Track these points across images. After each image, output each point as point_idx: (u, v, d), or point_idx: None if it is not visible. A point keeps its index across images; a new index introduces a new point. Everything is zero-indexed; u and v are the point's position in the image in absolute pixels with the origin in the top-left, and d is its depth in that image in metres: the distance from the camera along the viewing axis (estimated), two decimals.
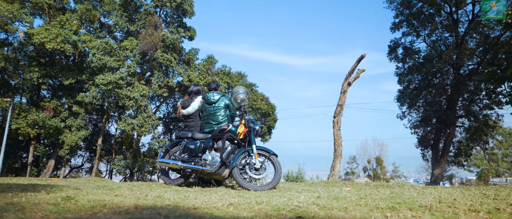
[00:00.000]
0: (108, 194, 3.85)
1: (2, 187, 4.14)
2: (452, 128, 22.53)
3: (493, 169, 47.33)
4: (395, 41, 26.71)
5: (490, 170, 46.73)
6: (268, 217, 2.29)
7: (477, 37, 22.52)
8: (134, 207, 2.27)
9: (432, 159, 24.25)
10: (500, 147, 49.09)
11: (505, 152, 48.99)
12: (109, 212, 2.12)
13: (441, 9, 24.22)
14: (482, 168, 47.43)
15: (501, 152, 48.95)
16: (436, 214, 2.40)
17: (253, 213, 2.49)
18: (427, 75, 24.65)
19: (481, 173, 47.55)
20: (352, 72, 18.13)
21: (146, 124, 22.01)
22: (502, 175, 46.70)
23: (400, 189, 5.19)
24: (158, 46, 22.57)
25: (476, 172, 49.18)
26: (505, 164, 48.33)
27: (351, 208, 2.70)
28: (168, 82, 23.02)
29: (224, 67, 28.81)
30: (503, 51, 16.63)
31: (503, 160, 48.51)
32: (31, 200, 2.58)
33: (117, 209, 2.19)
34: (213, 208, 2.69)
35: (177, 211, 2.22)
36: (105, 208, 2.23)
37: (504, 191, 4.73)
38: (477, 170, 48.59)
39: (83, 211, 2.14)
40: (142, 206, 2.36)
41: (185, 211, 2.31)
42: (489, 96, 24.07)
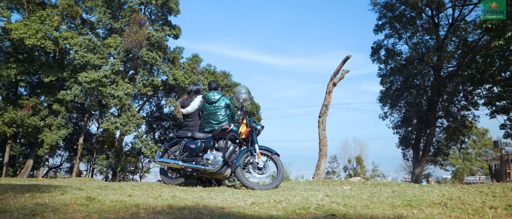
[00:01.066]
0: (119, 194, 3.81)
1: (5, 187, 4.02)
2: (433, 128, 23.25)
3: (467, 168, 49.09)
4: (378, 43, 27.32)
5: (464, 169, 48.47)
6: (302, 216, 2.34)
7: (456, 41, 23.32)
8: (170, 207, 2.27)
9: (413, 158, 24.95)
10: (474, 146, 50.96)
11: (479, 151, 50.90)
12: (149, 212, 2.11)
13: (422, 12, 24.94)
14: (457, 167, 49.15)
15: (474, 152, 50.83)
16: (457, 210, 2.51)
17: (283, 212, 2.53)
18: (408, 76, 25.33)
19: (456, 172, 49.26)
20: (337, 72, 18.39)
21: (130, 123, 21.64)
22: (475, 174, 48.51)
23: (398, 187, 5.34)
24: (143, 44, 22.22)
25: (451, 171, 50.92)
26: (478, 163, 50.22)
27: (372, 206, 2.78)
28: (153, 80, 22.70)
29: (209, 66, 28.69)
30: (482, 54, 17.35)
31: (476, 159, 50.39)
32: (56, 201, 2.53)
33: (155, 209, 2.19)
34: (238, 207, 2.72)
35: (215, 211, 2.24)
36: (140, 208, 2.22)
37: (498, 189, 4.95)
38: (452, 169, 50.31)
39: (122, 211, 2.12)
40: (176, 206, 2.35)
41: (219, 210, 2.33)
42: (466, 97, 25.03)
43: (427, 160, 24.77)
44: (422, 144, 24.35)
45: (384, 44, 27.09)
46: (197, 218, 1.96)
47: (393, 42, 26.85)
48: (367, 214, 2.30)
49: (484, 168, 49.59)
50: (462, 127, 24.47)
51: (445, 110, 25.02)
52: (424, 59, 22.28)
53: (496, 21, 13.90)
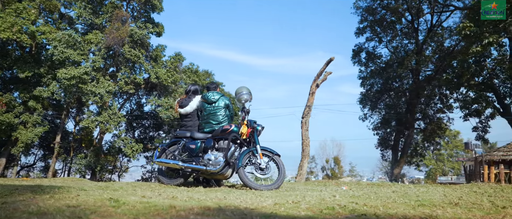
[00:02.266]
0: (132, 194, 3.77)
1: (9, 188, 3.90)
2: (411, 130, 24.03)
3: (439, 168, 51.02)
4: (359, 46, 27.92)
5: (437, 170, 50.34)
6: (333, 216, 2.41)
7: (434, 46, 24.20)
8: (208, 209, 2.29)
9: (392, 159, 25.69)
10: (446, 148, 52.96)
11: (450, 152, 52.96)
12: (191, 213, 2.13)
13: (402, 17, 25.72)
14: (430, 167, 50.99)
15: (447, 153, 52.84)
16: (474, 210, 2.66)
17: (311, 212, 2.60)
18: (388, 79, 26.06)
19: (429, 172, 51.13)
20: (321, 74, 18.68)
21: (111, 121, 21.15)
22: (447, 174, 50.50)
23: (396, 187, 5.53)
24: (125, 41, 21.77)
25: (424, 171, 52.76)
26: (449, 164, 52.29)
27: (392, 206, 2.89)
28: (135, 78, 22.29)
29: (191, 65, 28.44)
30: (459, 59, 18.11)
31: (448, 160, 52.44)
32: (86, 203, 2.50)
33: (193, 211, 2.20)
34: (265, 208, 2.76)
35: (254, 212, 2.28)
36: (179, 210, 2.23)
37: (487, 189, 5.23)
38: (426, 169, 52.13)
39: (162, 213, 2.13)
40: (214, 207, 2.37)
41: (258, 212, 2.37)
42: (442, 100, 26.05)
43: (405, 161, 25.58)
44: (401, 145, 25.12)
45: (365, 47, 27.74)
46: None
47: (374, 45, 27.56)
48: (397, 214, 2.40)
49: (455, 169, 51.71)
50: (438, 129, 25.43)
51: (422, 113, 25.90)
52: (404, 63, 22.99)
53: (474, 29, 14.56)
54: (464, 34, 14.78)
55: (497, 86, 22.04)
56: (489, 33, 14.50)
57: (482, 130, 24.96)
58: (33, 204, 2.28)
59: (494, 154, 16.63)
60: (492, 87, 21.34)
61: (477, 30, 14.52)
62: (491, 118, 23.39)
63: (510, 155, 16.16)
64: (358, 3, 26.26)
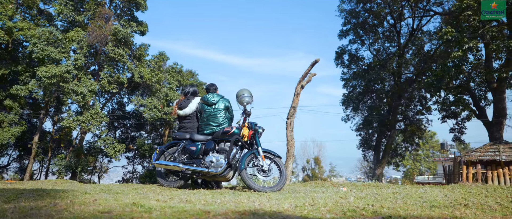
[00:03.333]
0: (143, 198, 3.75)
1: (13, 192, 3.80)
2: (393, 131, 24.66)
3: (417, 168, 52.56)
4: (342, 48, 28.39)
5: (414, 170, 51.84)
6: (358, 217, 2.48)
7: (414, 49, 24.94)
8: (241, 214, 2.32)
9: (374, 159, 26.27)
10: (423, 148, 54.58)
11: (427, 153, 54.63)
12: (223, 218, 2.15)
13: (384, 20, 26.34)
14: (407, 167, 52.43)
15: (423, 153, 54.46)
16: (486, 210, 2.80)
17: (335, 215, 2.66)
18: (370, 81, 26.63)
19: (406, 172, 52.58)
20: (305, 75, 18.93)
21: (93, 121, 20.66)
22: (423, 174, 52.07)
23: (394, 189, 5.70)
24: (109, 40, 21.31)
25: (402, 171, 54.19)
26: (426, 164, 53.95)
27: (406, 207, 3.00)
28: (119, 77, 21.83)
29: (175, 64, 28.13)
30: (439, 63, 18.71)
31: (425, 160, 54.10)
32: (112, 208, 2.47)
33: (228, 216, 2.22)
34: (287, 210, 2.81)
35: (290, 216, 2.32)
36: (212, 215, 2.24)
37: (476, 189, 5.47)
38: (403, 169, 53.55)
39: (194, 216, 2.14)
40: (242, 211, 2.40)
41: (293, 215, 2.42)
42: (421, 102, 26.87)
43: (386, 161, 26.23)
44: (382, 146, 25.73)
45: (348, 49, 28.23)
46: None
47: (357, 48, 28.08)
48: (421, 215, 2.50)
49: (431, 169, 53.41)
50: (417, 130, 26.21)
51: (403, 114, 26.62)
52: (386, 65, 23.57)
53: (455, 34, 15.11)
54: (446, 39, 15.32)
55: (473, 89, 22.93)
56: (468, 39, 15.10)
57: (458, 131, 25.84)
58: (66, 211, 2.25)
59: (472, 155, 17.27)
60: (469, 90, 22.17)
61: (458, 35, 15.08)
62: (468, 120, 24.27)
63: (486, 155, 16.83)
64: (342, 6, 26.73)
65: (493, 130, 20.94)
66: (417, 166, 53.22)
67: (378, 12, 24.60)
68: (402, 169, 53.69)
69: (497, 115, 20.59)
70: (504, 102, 20.35)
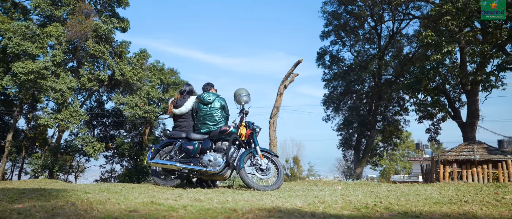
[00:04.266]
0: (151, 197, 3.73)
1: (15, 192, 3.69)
2: (373, 131, 25.27)
3: (392, 167, 54.03)
4: (324, 49, 28.81)
5: (390, 169, 53.27)
6: (377, 215, 2.58)
7: (394, 51, 25.67)
8: (269, 211, 2.36)
9: (354, 159, 26.84)
10: (398, 148, 56.17)
11: (402, 152, 56.24)
12: (259, 216, 2.19)
13: (365, 22, 26.95)
14: (384, 167, 53.81)
15: (399, 153, 56.05)
16: (490, 207, 2.97)
17: (350, 212, 2.75)
18: (350, 82, 27.18)
19: (383, 171, 53.97)
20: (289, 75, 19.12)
21: (73, 119, 20.06)
22: (399, 173, 53.62)
23: (388, 186, 5.88)
24: (89, 36, 20.76)
25: (379, 170, 55.56)
26: (401, 163, 55.57)
27: (413, 204, 3.13)
28: (99, 75, 21.30)
29: (157, 62, 27.71)
30: (418, 65, 19.36)
31: (400, 159, 55.69)
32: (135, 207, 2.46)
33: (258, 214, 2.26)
34: (304, 208, 2.88)
35: (319, 214, 2.39)
36: (239, 213, 2.28)
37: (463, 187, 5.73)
38: (380, 168, 54.93)
39: (232, 217, 2.17)
40: (269, 209, 2.45)
41: (317, 212, 2.48)
42: (399, 103, 27.68)
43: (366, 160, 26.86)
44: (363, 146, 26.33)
45: (329, 50, 28.68)
46: None
47: (338, 49, 28.58)
48: (434, 212, 2.62)
49: (406, 168, 55.08)
50: (395, 130, 27.00)
51: (382, 115, 27.34)
52: (367, 67, 24.12)
53: (435, 38, 15.68)
54: (426, 42, 15.87)
55: (448, 91, 23.84)
56: (447, 43, 15.71)
57: (434, 131, 26.76)
58: (94, 210, 2.22)
59: (448, 154, 17.95)
60: (444, 92, 23.03)
61: (438, 39, 15.66)
62: (443, 120, 25.20)
63: (461, 155, 17.55)
64: (325, 8, 27.14)
65: (466, 131, 21.82)
66: (393, 165, 54.72)
67: (359, 14, 25.13)
68: (379, 168, 55.08)
69: (471, 116, 21.47)
70: (477, 104, 21.24)
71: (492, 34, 17.35)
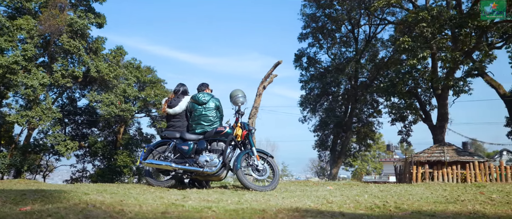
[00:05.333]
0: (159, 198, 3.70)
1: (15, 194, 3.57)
2: (349, 133, 25.91)
3: (364, 168, 55.58)
4: (301, 50, 29.25)
5: (362, 169, 54.77)
6: (391, 214, 2.71)
7: (369, 54, 26.48)
8: (296, 210, 2.43)
9: (330, 159, 27.40)
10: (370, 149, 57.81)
11: (374, 153, 57.96)
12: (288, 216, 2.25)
13: (341, 26, 27.62)
14: (356, 167, 55.25)
15: (370, 154, 57.73)
16: (491, 206, 3.18)
17: (364, 211, 2.87)
18: (326, 84, 27.75)
19: (355, 172, 55.43)
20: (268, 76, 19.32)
21: (45, 116, 19.26)
22: (370, 173, 55.26)
23: (379, 187, 6.10)
24: (64, 31, 20.00)
25: (350, 171, 57.03)
26: (372, 164, 57.29)
27: (417, 204, 3.30)
28: (74, 71, 20.57)
29: (133, 60, 27.09)
30: (393, 69, 20.07)
31: (371, 160, 57.38)
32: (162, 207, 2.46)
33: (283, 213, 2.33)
34: (318, 207, 2.97)
35: (349, 213, 2.47)
36: (268, 214, 2.33)
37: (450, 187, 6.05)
38: (352, 169, 56.37)
39: (264, 216, 2.22)
40: (296, 208, 2.51)
41: (336, 211, 2.57)
42: (373, 106, 28.54)
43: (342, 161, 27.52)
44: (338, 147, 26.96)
45: (307, 52, 29.14)
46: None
47: (315, 51, 29.09)
48: (445, 210, 2.78)
49: (377, 169, 56.84)
50: (370, 132, 27.83)
51: (357, 117, 28.09)
52: (344, 69, 24.72)
53: (411, 43, 16.34)
54: (403, 47, 16.51)
55: (419, 95, 24.85)
56: (422, 48, 16.42)
57: (405, 133, 27.77)
58: (127, 212, 2.21)
59: (420, 156, 18.70)
60: (416, 95, 24.00)
61: (414, 45, 16.33)
62: (414, 123, 26.22)
63: (433, 156, 18.35)
64: (304, 10, 27.59)
65: (436, 133, 22.81)
66: (364, 166, 56.27)
67: (336, 18, 25.72)
68: (351, 169, 56.52)
69: (441, 119, 22.45)
70: (447, 107, 22.27)
71: (462, 42, 18.28)
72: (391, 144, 49.05)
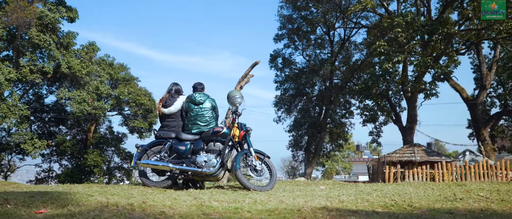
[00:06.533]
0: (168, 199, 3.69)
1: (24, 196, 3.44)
2: (323, 133, 26.47)
3: (334, 168, 56.90)
4: (277, 51, 29.54)
5: (332, 169, 56.05)
6: (407, 212, 2.86)
7: (342, 57, 27.21)
8: (330, 210, 2.51)
9: (304, 159, 27.87)
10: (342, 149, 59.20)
11: (343, 153, 59.49)
12: (325, 215, 2.33)
13: (316, 28, 28.17)
14: (326, 167, 56.45)
15: (340, 154, 59.18)
16: (482, 202, 3.41)
17: (381, 209, 3.01)
18: (301, 85, 28.21)
19: (325, 171, 56.66)
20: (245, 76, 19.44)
21: (11, 113, 18.25)
22: (339, 173, 56.73)
23: (372, 186, 6.32)
24: (33, 24, 19.04)
25: (320, 170, 58.24)
26: (342, 164, 58.80)
27: (431, 202, 3.49)
28: (43, 66, 19.61)
29: (107, 56, 26.21)
30: (368, 72, 20.74)
31: (341, 160, 58.87)
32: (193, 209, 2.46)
33: (316, 213, 2.40)
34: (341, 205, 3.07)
35: (379, 212, 2.58)
36: (302, 214, 2.40)
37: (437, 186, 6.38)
38: (322, 168, 57.55)
39: (306, 216, 2.28)
40: (331, 208, 2.59)
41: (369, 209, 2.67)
42: (345, 107, 29.32)
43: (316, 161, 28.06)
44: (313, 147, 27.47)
45: (282, 53, 29.47)
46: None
47: (290, 52, 29.48)
48: (457, 208, 2.97)
49: (346, 168, 58.45)
50: (342, 132, 28.58)
51: (331, 117, 28.75)
52: (320, 71, 25.23)
53: (387, 48, 16.99)
54: (379, 51, 17.12)
55: (390, 97, 25.84)
56: (396, 53, 17.13)
57: (376, 134, 28.74)
58: (172, 215, 2.20)
59: (392, 156, 19.43)
60: (387, 97, 24.94)
61: (390, 49, 16.99)
62: (384, 124, 27.21)
63: (404, 157, 19.13)
64: (281, 12, 27.90)
65: (406, 134, 23.79)
66: (334, 165, 57.61)
67: (312, 20, 26.21)
68: (321, 169, 57.69)
69: (410, 121, 23.44)
70: (416, 109, 23.29)
71: (433, 47, 19.21)
72: (360, 145, 50.63)
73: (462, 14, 18.99)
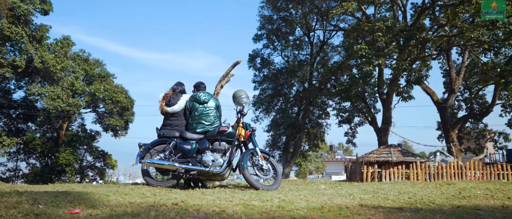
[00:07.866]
0: (201, 198, 3.68)
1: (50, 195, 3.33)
2: (302, 133, 26.83)
3: (307, 168, 57.75)
4: (256, 51, 29.64)
5: (305, 169, 56.86)
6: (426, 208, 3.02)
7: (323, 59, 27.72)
8: (374, 207, 2.60)
9: (283, 159, 28.14)
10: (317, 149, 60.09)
11: (316, 153, 60.45)
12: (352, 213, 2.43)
13: (295, 29, 28.55)
14: (299, 167, 57.22)
15: (313, 154, 60.11)
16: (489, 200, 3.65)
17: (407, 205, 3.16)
18: (279, 85, 28.47)
19: (298, 171, 57.41)
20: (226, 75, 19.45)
21: None
22: (312, 173, 57.68)
23: (369, 185, 6.53)
24: (4, 15, 18.06)
25: (294, 170, 58.87)
26: (315, 164, 59.77)
27: (441, 199, 3.68)
28: (15, 60, 18.64)
29: (82, 51, 25.25)
30: (348, 74, 21.24)
31: (314, 160, 59.83)
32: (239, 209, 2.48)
33: (368, 211, 2.50)
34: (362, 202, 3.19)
35: (405, 208, 2.70)
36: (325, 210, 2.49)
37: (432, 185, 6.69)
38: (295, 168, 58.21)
39: (350, 216, 2.37)
40: (356, 206, 2.69)
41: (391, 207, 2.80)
42: (322, 108, 29.88)
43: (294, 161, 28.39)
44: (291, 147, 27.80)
45: (261, 53, 29.61)
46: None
47: (269, 53, 29.67)
48: (479, 205, 3.16)
49: (319, 168, 59.48)
50: (319, 133, 29.11)
51: (308, 118, 29.20)
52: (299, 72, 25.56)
53: (369, 51, 17.49)
54: (360, 54, 17.60)
55: (366, 99, 26.61)
56: (376, 56, 17.67)
57: (351, 135, 29.46)
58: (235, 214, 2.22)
59: (370, 156, 20.01)
60: (363, 99, 25.67)
61: (370, 52, 17.50)
62: (360, 125, 27.96)
63: (381, 157, 19.77)
64: (262, 12, 28.01)
65: (381, 135, 24.57)
66: (307, 165, 58.49)
67: (291, 22, 26.53)
68: (295, 168, 58.33)
69: (385, 122, 24.24)
70: (391, 111, 24.11)
71: (409, 52, 19.98)
72: (334, 145, 51.76)
73: (435, 20, 19.90)
